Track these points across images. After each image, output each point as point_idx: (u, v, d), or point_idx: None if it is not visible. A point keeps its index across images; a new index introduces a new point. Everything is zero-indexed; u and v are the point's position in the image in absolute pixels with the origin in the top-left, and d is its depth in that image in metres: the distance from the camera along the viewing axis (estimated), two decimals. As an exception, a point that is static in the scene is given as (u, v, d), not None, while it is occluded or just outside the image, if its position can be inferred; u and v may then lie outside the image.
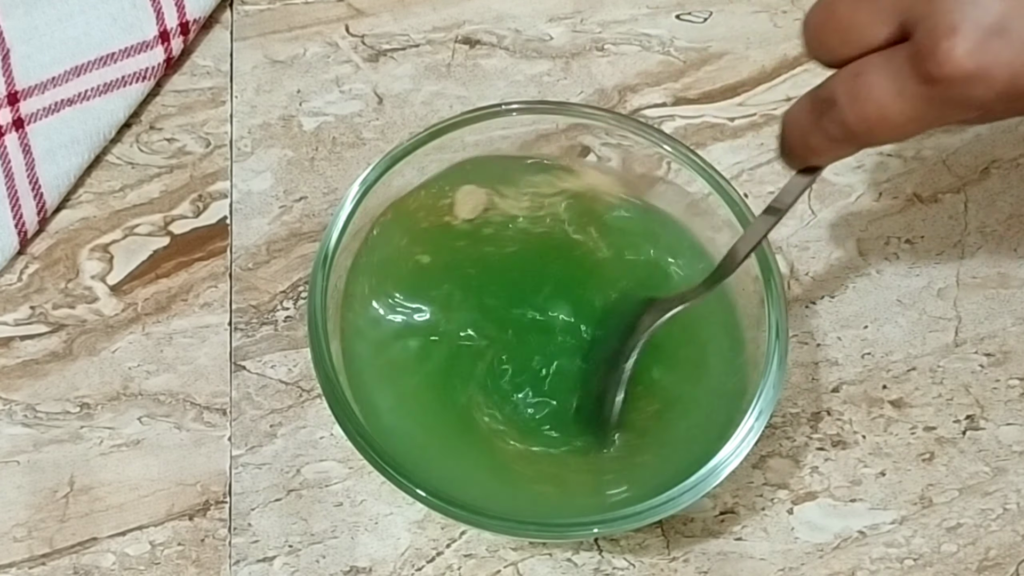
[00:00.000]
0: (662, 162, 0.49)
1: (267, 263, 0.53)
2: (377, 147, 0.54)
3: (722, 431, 0.45)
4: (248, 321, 0.51)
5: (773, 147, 0.55)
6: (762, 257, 0.46)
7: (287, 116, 0.55)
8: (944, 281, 0.53)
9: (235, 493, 0.49)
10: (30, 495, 0.49)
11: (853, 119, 0.37)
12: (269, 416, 0.50)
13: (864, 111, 0.37)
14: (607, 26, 0.57)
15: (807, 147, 0.40)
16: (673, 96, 0.56)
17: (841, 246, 0.53)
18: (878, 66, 0.37)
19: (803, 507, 0.49)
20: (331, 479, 0.49)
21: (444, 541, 0.48)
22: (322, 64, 0.56)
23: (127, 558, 0.48)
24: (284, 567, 0.48)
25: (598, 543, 0.48)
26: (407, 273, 0.48)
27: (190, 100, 0.55)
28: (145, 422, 0.50)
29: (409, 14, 0.57)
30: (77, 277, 0.52)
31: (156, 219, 0.53)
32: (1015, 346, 0.52)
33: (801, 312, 0.52)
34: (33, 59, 0.54)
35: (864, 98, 0.37)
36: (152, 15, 0.55)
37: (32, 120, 0.53)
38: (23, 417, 0.50)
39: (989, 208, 0.54)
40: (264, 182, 0.54)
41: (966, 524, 0.49)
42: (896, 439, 0.50)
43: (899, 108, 0.36)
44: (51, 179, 0.53)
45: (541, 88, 0.56)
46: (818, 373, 0.51)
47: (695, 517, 0.49)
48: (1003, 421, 0.51)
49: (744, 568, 0.48)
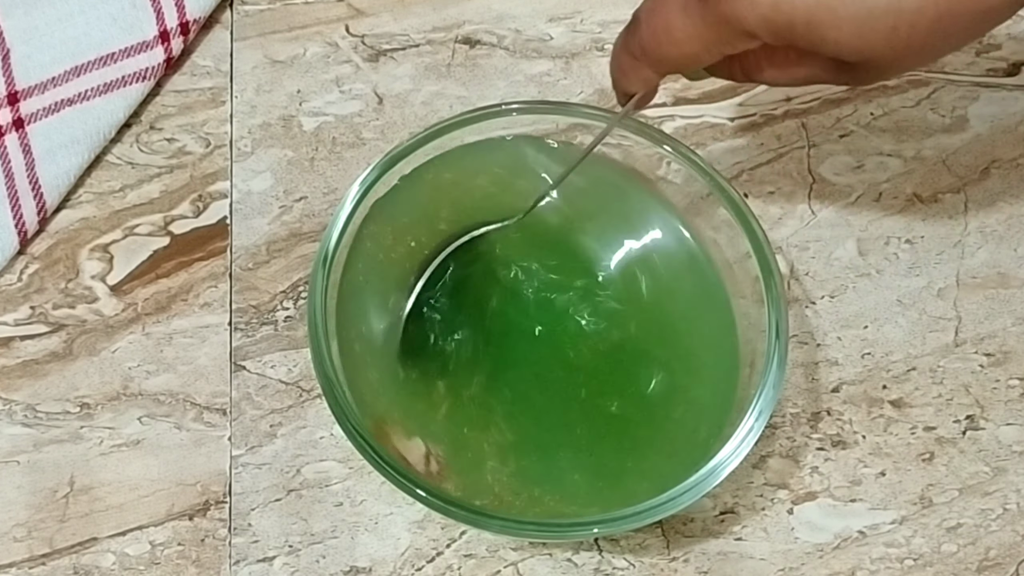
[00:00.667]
0: (662, 162, 0.49)
1: (267, 263, 0.53)
2: (377, 147, 0.54)
3: (722, 431, 0.45)
4: (248, 321, 0.51)
5: (773, 147, 0.55)
6: (762, 257, 0.46)
7: (287, 116, 0.55)
8: (944, 281, 0.53)
9: (235, 493, 0.49)
10: (30, 495, 0.49)
11: (646, 34, 0.40)
12: (269, 416, 0.50)
13: (654, 25, 0.40)
14: (607, 26, 0.57)
15: (619, 69, 0.43)
16: (673, 96, 0.56)
17: (841, 246, 0.53)
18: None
19: (803, 507, 0.49)
20: (331, 479, 0.49)
21: (444, 541, 0.48)
22: (322, 64, 0.56)
23: (127, 558, 0.48)
24: (284, 567, 0.48)
25: (598, 543, 0.48)
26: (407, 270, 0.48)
27: (190, 100, 0.55)
28: (145, 422, 0.50)
29: (409, 14, 0.57)
30: (77, 277, 0.52)
31: (156, 219, 0.53)
32: (1015, 346, 0.52)
33: (801, 312, 0.52)
34: (33, 59, 0.54)
35: (656, 13, 0.40)
36: (152, 15, 0.55)
37: (32, 120, 0.53)
38: (23, 417, 0.50)
39: (989, 208, 0.54)
40: (264, 182, 0.54)
41: (966, 524, 0.49)
42: (896, 439, 0.50)
43: (681, 23, 0.39)
44: (51, 179, 0.53)
45: (541, 88, 0.56)
46: (818, 373, 0.51)
47: (695, 517, 0.49)
48: (1003, 421, 0.51)
49: (744, 568, 0.48)
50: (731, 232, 0.47)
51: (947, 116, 0.56)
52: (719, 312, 0.48)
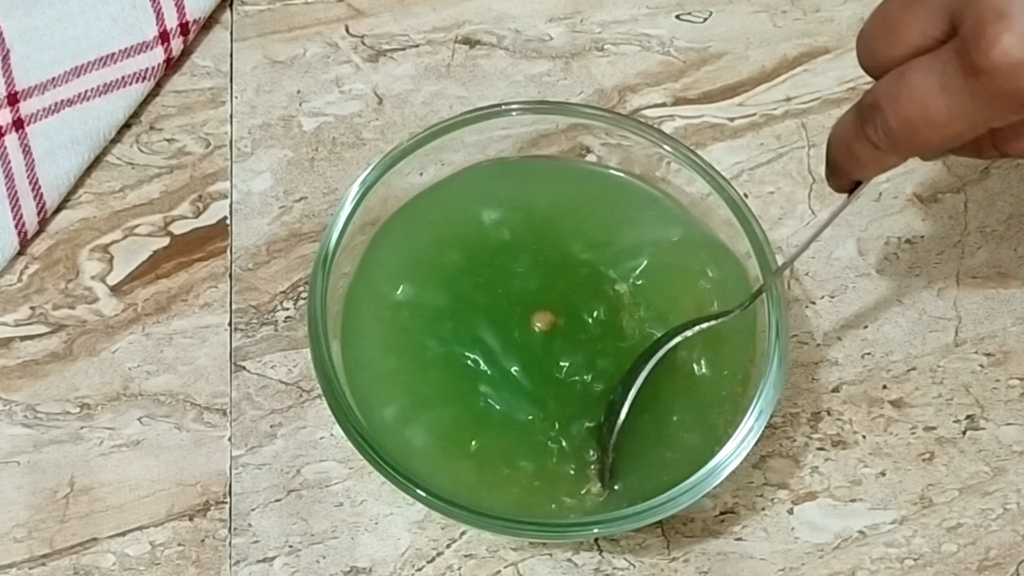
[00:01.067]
0: (662, 162, 0.49)
1: (267, 263, 0.53)
2: (377, 147, 0.54)
3: (722, 431, 0.45)
4: (248, 321, 0.51)
5: (773, 147, 0.55)
6: (762, 257, 0.46)
7: (287, 116, 0.55)
8: (944, 281, 0.53)
9: (235, 493, 0.49)
10: (30, 495, 0.49)
11: (895, 120, 0.35)
12: (269, 416, 0.50)
13: (906, 111, 0.35)
14: (607, 26, 0.57)
15: (853, 159, 0.38)
16: (673, 96, 0.56)
17: (841, 246, 0.53)
18: (922, 64, 0.35)
19: (803, 507, 0.49)
20: (331, 479, 0.49)
21: (444, 541, 0.48)
22: (322, 64, 0.56)
23: (127, 558, 0.48)
24: (284, 567, 0.48)
25: (598, 543, 0.48)
26: (417, 271, 0.47)
27: (190, 100, 0.55)
28: (145, 422, 0.50)
29: (409, 14, 0.57)
30: (77, 277, 0.52)
31: (156, 219, 0.53)
32: (1015, 346, 0.52)
33: (801, 312, 0.52)
34: (33, 59, 0.54)
35: (906, 97, 0.35)
36: (152, 15, 0.55)
37: (32, 120, 0.53)
38: (23, 418, 0.50)
39: (989, 208, 0.54)
40: (264, 182, 0.54)
41: (966, 524, 0.49)
42: (896, 439, 0.50)
43: (942, 104, 0.34)
44: (51, 179, 0.53)
45: (541, 88, 0.56)
46: (818, 373, 0.51)
47: (695, 517, 0.49)
48: (1003, 421, 0.51)
49: (744, 568, 0.48)
50: (731, 232, 0.47)
51: (947, 116, 0.56)
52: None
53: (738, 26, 0.57)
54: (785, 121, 0.55)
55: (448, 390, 0.45)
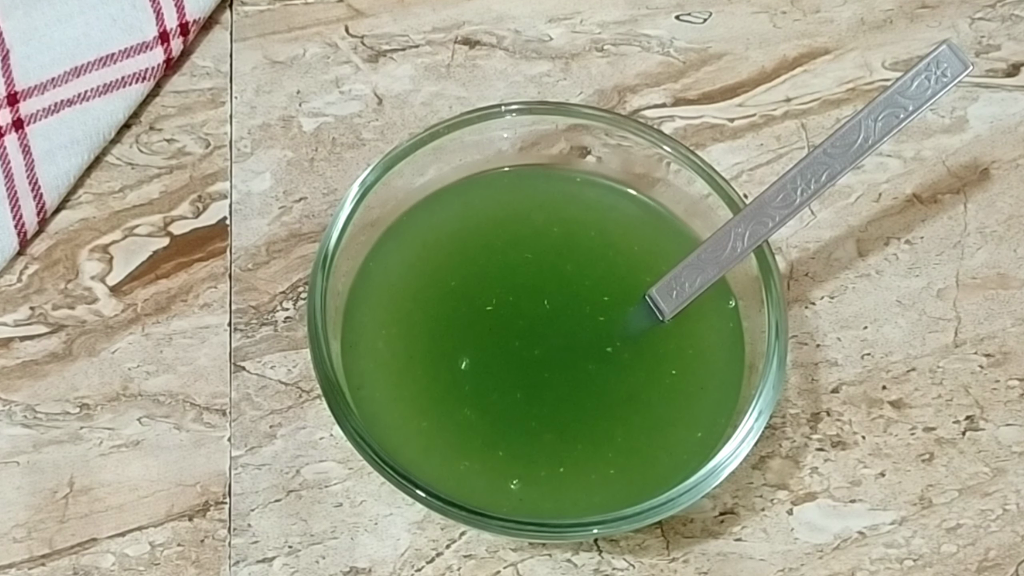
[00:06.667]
0: (662, 162, 0.49)
1: (267, 264, 0.53)
2: (377, 148, 0.54)
3: (722, 431, 0.45)
4: (248, 322, 0.51)
5: (773, 147, 0.55)
6: (762, 257, 0.46)
7: (287, 117, 0.55)
8: (944, 281, 0.53)
9: (235, 494, 0.49)
10: (30, 496, 0.49)
11: None
12: (269, 417, 0.50)
13: None
14: (607, 27, 0.57)
15: None
16: (673, 97, 0.56)
17: (841, 246, 0.53)
18: None
19: (803, 508, 0.49)
20: (331, 480, 0.49)
21: (444, 542, 0.48)
22: (322, 65, 0.56)
23: (127, 559, 0.48)
24: (284, 568, 0.48)
25: (598, 543, 0.48)
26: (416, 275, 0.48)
27: (190, 101, 0.55)
28: (145, 423, 0.50)
29: (409, 15, 0.57)
30: (77, 278, 0.52)
31: (156, 220, 0.53)
32: (1015, 346, 0.52)
33: (801, 312, 0.52)
34: (33, 60, 0.54)
35: None
36: (152, 16, 0.55)
37: (32, 121, 0.53)
38: (23, 418, 0.50)
39: (989, 208, 0.54)
40: (264, 183, 0.54)
41: (966, 525, 0.49)
42: (896, 440, 0.50)
43: None
44: (51, 180, 0.53)
45: (541, 89, 0.56)
46: (818, 374, 0.51)
47: (695, 517, 0.49)
48: (1003, 421, 0.51)
49: (744, 568, 0.48)
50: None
51: (947, 117, 0.56)
52: (718, 312, 0.48)
53: (738, 27, 0.57)
54: (785, 122, 0.55)
55: (446, 391, 0.46)
